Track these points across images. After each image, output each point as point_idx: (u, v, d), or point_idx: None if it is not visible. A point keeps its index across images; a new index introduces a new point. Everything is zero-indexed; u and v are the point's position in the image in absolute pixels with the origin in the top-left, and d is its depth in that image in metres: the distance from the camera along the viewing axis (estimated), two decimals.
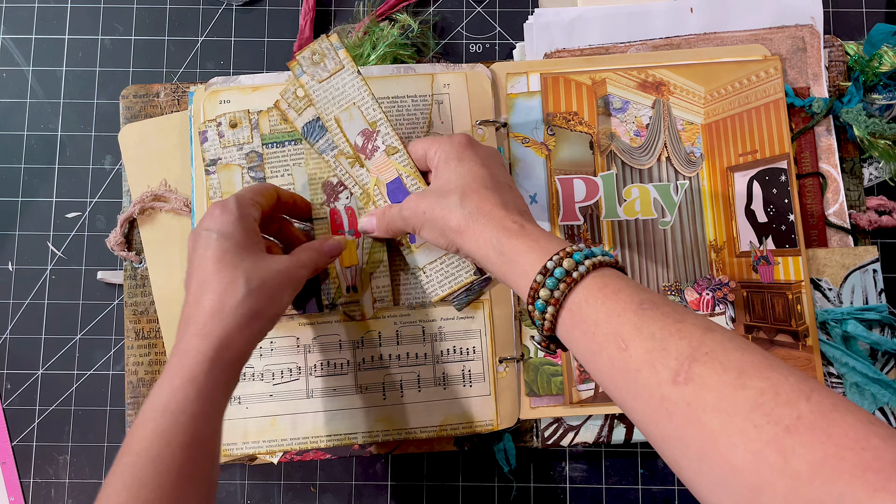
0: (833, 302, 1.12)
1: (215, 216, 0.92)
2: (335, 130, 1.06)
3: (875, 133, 1.14)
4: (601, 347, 0.73)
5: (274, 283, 0.92)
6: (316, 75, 1.05)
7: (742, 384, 0.63)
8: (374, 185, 1.05)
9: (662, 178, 1.15)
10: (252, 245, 0.93)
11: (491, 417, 1.10)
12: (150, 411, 0.81)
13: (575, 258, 0.78)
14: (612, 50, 1.19)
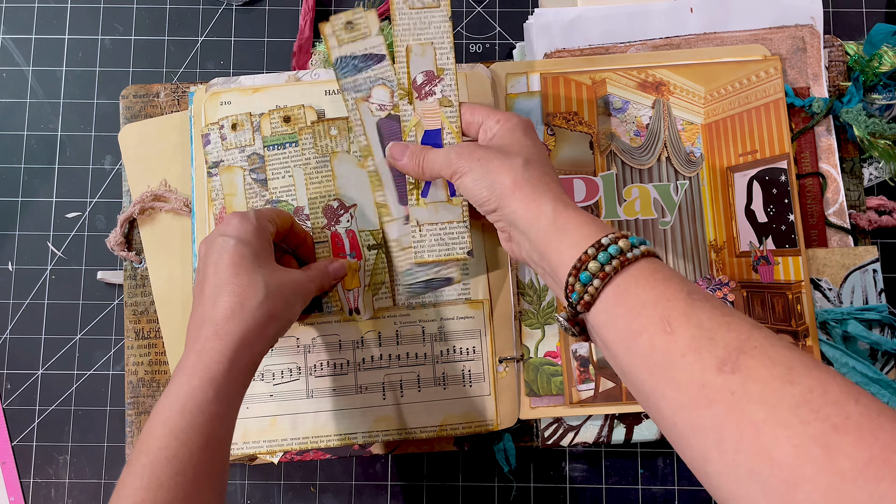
0: (833, 302, 1.12)
1: (234, 224, 0.93)
2: (401, 60, 1.05)
3: (875, 133, 1.14)
4: (644, 328, 0.73)
5: (289, 290, 0.93)
6: (410, 0, 1.05)
7: (791, 380, 0.63)
8: (413, 127, 1.05)
9: (662, 178, 1.15)
10: (268, 255, 0.94)
11: (491, 417, 1.10)
12: (167, 410, 0.81)
13: (631, 240, 0.78)
14: (612, 50, 1.19)
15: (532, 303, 1.13)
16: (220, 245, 0.91)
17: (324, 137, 1.11)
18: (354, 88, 1.07)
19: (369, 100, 1.08)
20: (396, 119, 1.07)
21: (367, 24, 1.07)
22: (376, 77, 1.07)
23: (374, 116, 1.08)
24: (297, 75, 1.15)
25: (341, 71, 1.07)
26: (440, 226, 1.06)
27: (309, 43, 1.22)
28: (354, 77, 1.07)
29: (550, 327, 1.12)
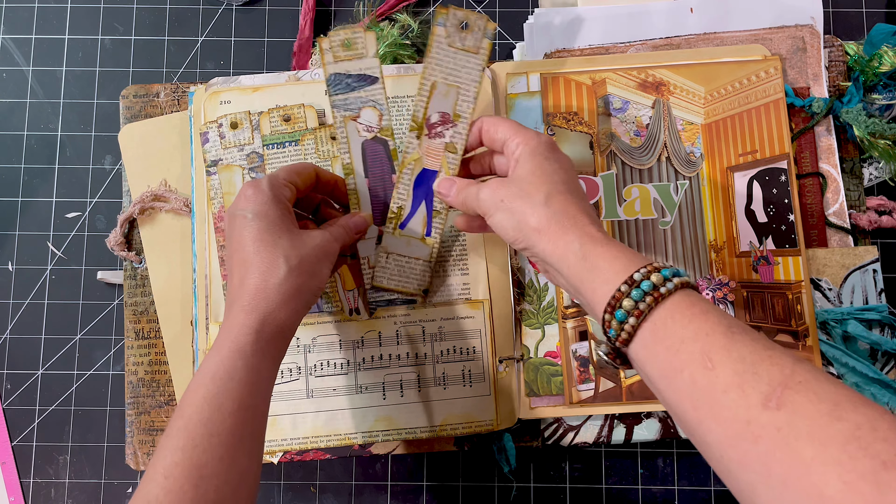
0: (833, 302, 1.12)
1: (248, 196, 0.93)
2: (423, 93, 1.05)
3: (875, 133, 1.14)
4: (684, 365, 0.72)
5: (312, 259, 0.93)
6: (452, 38, 1.04)
7: (838, 416, 0.62)
8: (413, 161, 1.06)
9: (662, 178, 1.15)
10: (287, 223, 0.94)
11: (491, 417, 1.10)
12: (201, 378, 0.83)
13: (663, 273, 0.77)
14: (612, 50, 1.19)
15: (532, 303, 1.13)
16: (239, 220, 0.92)
17: (325, 143, 1.11)
18: (345, 106, 1.07)
19: (357, 119, 1.08)
20: (382, 142, 1.09)
21: (365, 44, 1.07)
22: (367, 98, 1.07)
23: (360, 137, 1.08)
24: (297, 75, 1.15)
25: (333, 87, 1.07)
26: (406, 259, 1.08)
27: (309, 43, 1.22)
28: (346, 95, 1.07)
29: (550, 327, 1.12)
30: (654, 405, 1.11)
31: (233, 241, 0.92)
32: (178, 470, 0.77)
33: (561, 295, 1.13)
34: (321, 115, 1.13)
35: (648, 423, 1.12)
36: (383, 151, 1.09)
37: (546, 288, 1.13)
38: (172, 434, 0.79)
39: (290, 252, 0.91)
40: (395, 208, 1.07)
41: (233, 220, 0.93)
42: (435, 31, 1.03)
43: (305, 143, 1.11)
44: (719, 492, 1.16)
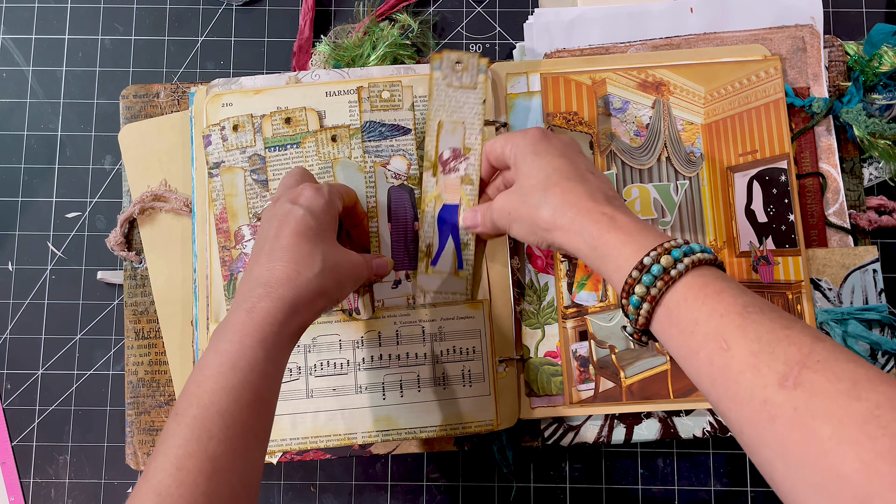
0: (833, 302, 1.12)
1: (307, 196, 0.93)
2: (431, 133, 1.08)
3: (875, 133, 1.14)
4: (700, 346, 0.72)
5: (344, 270, 0.93)
6: (449, 79, 1.08)
7: (857, 395, 0.61)
8: (433, 199, 1.08)
9: (662, 178, 1.15)
10: (332, 233, 0.94)
11: (491, 417, 1.10)
12: (218, 367, 0.81)
13: (673, 255, 0.76)
14: (612, 50, 1.19)
15: (532, 303, 1.13)
16: (287, 212, 0.91)
17: (325, 145, 1.12)
18: (376, 152, 1.11)
19: (387, 166, 1.12)
20: (408, 190, 1.12)
21: (401, 97, 1.12)
22: (398, 147, 1.12)
23: (388, 183, 1.12)
24: (297, 76, 1.15)
25: (367, 134, 1.11)
26: (444, 295, 1.09)
27: (309, 43, 1.23)
28: (378, 142, 1.11)
29: (550, 327, 1.13)
30: (654, 405, 1.11)
31: (272, 229, 0.91)
32: (191, 462, 0.75)
33: (561, 295, 1.13)
34: (322, 117, 1.13)
35: (648, 423, 1.12)
36: (408, 199, 1.12)
37: (546, 288, 1.13)
38: (187, 422, 0.78)
39: (328, 255, 0.90)
40: (424, 247, 1.09)
41: (280, 210, 0.92)
42: (432, 75, 1.08)
43: (306, 145, 1.12)
44: (719, 492, 1.16)
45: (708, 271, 0.77)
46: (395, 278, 1.11)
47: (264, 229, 0.93)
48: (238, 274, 1.10)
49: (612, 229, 0.82)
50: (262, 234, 0.93)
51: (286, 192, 0.95)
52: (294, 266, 0.87)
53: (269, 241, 0.90)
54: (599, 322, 1.12)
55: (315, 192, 0.93)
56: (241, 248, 1.11)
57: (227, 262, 1.11)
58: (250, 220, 1.11)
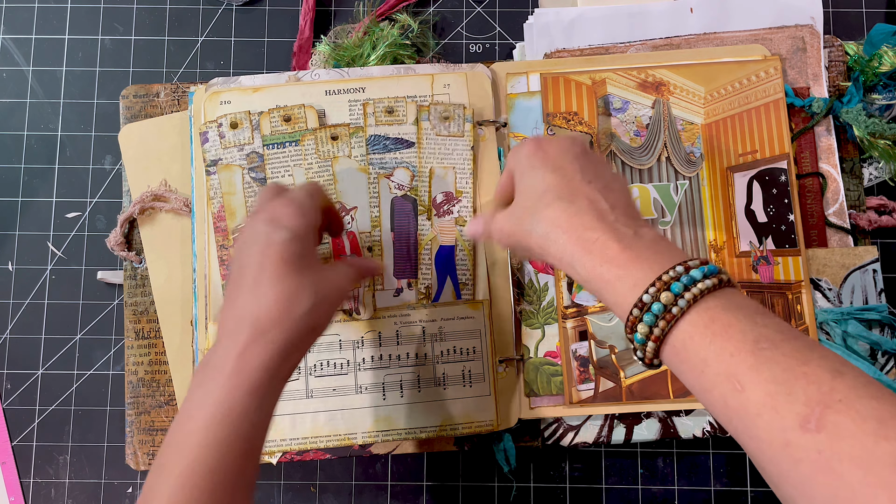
0: (833, 302, 1.12)
1: (289, 214, 0.87)
2: (424, 179, 1.12)
3: (875, 133, 1.14)
4: (713, 385, 0.69)
5: (333, 299, 0.89)
6: (437, 127, 1.13)
7: (885, 435, 0.59)
8: (430, 241, 1.12)
9: (662, 178, 1.15)
10: (315, 252, 0.90)
11: (491, 418, 1.10)
12: (209, 417, 0.77)
13: (673, 290, 0.72)
14: (612, 50, 1.19)
15: (532, 303, 1.13)
16: (269, 235, 0.85)
17: (325, 143, 1.12)
18: (380, 165, 1.13)
19: (391, 178, 1.13)
20: (411, 200, 1.13)
21: (405, 112, 1.13)
22: (402, 160, 1.13)
23: (391, 194, 1.13)
24: (297, 75, 1.15)
25: (372, 147, 1.13)
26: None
27: (309, 43, 1.22)
28: (382, 155, 1.13)
29: (550, 327, 1.12)
30: (654, 405, 1.10)
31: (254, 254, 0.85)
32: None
33: (561, 295, 1.13)
34: (321, 116, 1.13)
35: (648, 423, 1.12)
36: (411, 209, 1.13)
37: (546, 288, 1.13)
38: (172, 480, 0.75)
39: (318, 286, 0.86)
40: (423, 288, 1.11)
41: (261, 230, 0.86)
42: (421, 125, 1.13)
43: (306, 143, 1.12)
44: (719, 492, 1.16)
45: (714, 301, 0.72)
46: (396, 286, 1.11)
47: (245, 253, 0.87)
48: None
49: (604, 261, 0.78)
50: (242, 258, 0.87)
51: (264, 209, 0.89)
52: (285, 304, 0.83)
53: (253, 269, 0.85)
54: (599, 322, 1.12)
55: (297, 211, 0.88)
56: None
57: (226, 261, 1.11)
58: None
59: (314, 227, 0.90)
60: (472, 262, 1.11)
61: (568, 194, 0.84)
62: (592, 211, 0.82)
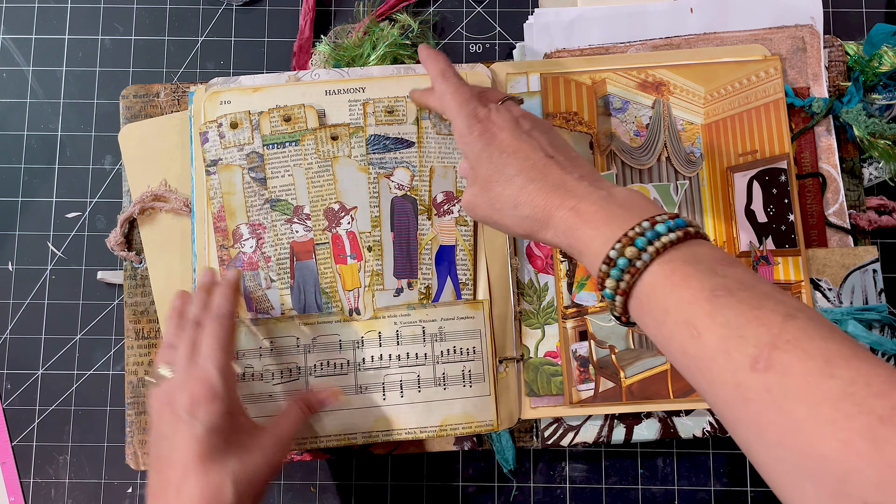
0: (833, 302, 1.12)
1: (201, 403, 0.88)
2: (424, 178, 1.12)
3: (875, 133, 1.13)
4: (672, 334, 0.71)
5: (261, 481, 0.90)
6: (437, 126, 1.13)
7: (829, 373, 0.61)
8: (430, 240, 1.12)
9: (662, 178, 1.14)
10: (238, 434, 0.91)
11: (491, 418, 1.09)
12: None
13: (637, 244, 0.74)
14: (612, 50, 1.18)
15: (532, 303, 1.13)
16: (186, 428, 0.87)
17: (325, 143, 1.11)
18: (380, 164, 1.12)
19: (391, 178, 1.12)
20: (411, 200, 1.13)
21: (405, 112, 1.13)
22: (402, 159, 1.13)
23: (391, 194, 1.12)
24: (297, 75, 1.15)
25: (372, 147, 1.12)
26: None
27: (309, 43, 1.22)
28: (382, 155, 1.12)
29: (550, 327, 1.12)
30: (654, 405, 1.10)
31: (175, 448, 0.87)
32: None
33: (561, 295, 1.12)
34: (321, 116, 1.12)
35: (648, 423, 1.12)
36: (411, 209, 1.13)
37: (546, 288, 1.13)
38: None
39: (240, 475, 0.87)
40: (423, 289, 1.11)
41: (175, 424, 0.88)
42: (421, 124, 1.13)
43: (306, 143, 1.11)
44: (719, 492, 1.15)
45: (677, 254, 0.74)
46: (397, 286, 1.11)
47: (165, 448, 0.88)
48: None
49: (580, 224, 0.81)
50: (162, 453, 0.89)
51: (180, 390, 0.90)
52: (206, 500, 0.84)
53: (174, 463, 0.86)
54: (599, 322, 1.12)
55: (210, 396, 0.89)
56: (239, 247, 1.11)
57: (226, 261, 1.11)
58: (248, 219, 1.11)
59: (235, 402, 0.92)
60: (472, 261, 1.11)
61: (537, 174, 0.87)
62: (565, 184, 0.85)
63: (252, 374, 1.09)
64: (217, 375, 0.90)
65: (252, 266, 1.11)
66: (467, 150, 0.93)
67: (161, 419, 0.90)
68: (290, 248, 1.11)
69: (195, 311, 0.99)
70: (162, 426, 0.89)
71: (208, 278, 1.04)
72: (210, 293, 1.01)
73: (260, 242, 1.11)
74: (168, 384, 0.92)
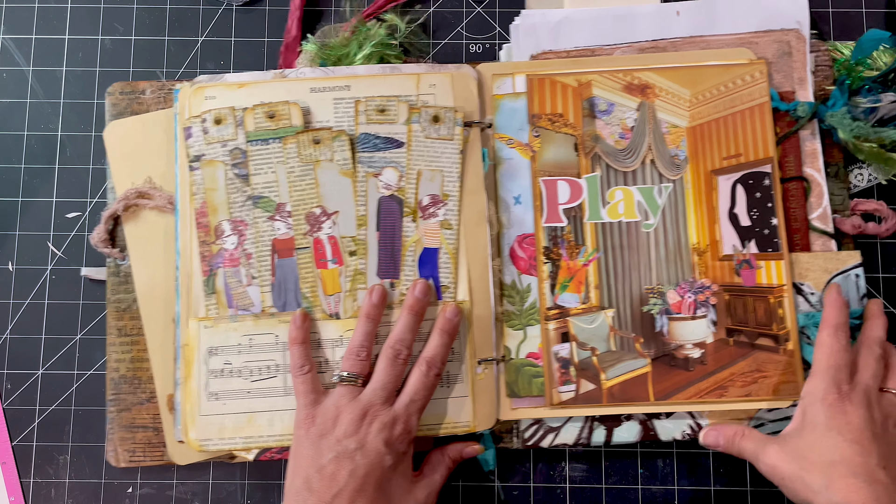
0: (815, 306, 1.07)
1: (405, 441, 0.92)
2: (411, 181, 1.07)
3: (860, 136, 1.08)
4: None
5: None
6: (427, 131, 1.07)
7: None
8: (414, 243, 1.06)
9: (646, 181, 1.09)
10: (401, 479, 0.93)
11: (469, 419, 1.04)
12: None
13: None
14: (598, 52, 1.14)
15: (515, 304, 1.07)
16: (380, 458, 0.89)
17: (307, 147, 1.06)
18: (369, 163, 1.07)
19: (379, 177, 1.07)
20: (398, 201, 1.08)
21: (397, 112, 1.07)
22: (391, 159, 1.08)
23: (379, 193, 1.08)
24: (283, 73, 1.11)
25: (361, 145, 1.07)
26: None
27: (296, 42, 1.17)
28: (372, 154, 1.07)
29: (532, 328, 1.07)
30: (635, 407, 1.05)
31: (358, 470, 0.87)
32: None
33: (543, 296, 1.07)
34: (306, 113, 1.08)
35: (629, 426, 1.07)
36: (398, 209, 1.08)
37: (529, 289, 1.08)
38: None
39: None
40: (405, 289, 1.06)
41: (378, 451, 0.89)
42: (410, 128, 1.07)
43: (288, 147, 1.06)
44: (719, 492, 1.11)
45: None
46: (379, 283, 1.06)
47: (345, 462, 0.88)
48: (217, 269, 1.05)
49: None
50: (341, 466, 0.88)
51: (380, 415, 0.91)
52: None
53: (349, 489, 0.86)
54: (581, 324, 1.07)
55: (409, 437, 0.92)
56: (220, 244, 1.05)
57: (207, 257, 1.06)
58: (231, 215, 1.06)
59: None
60: (454, 264, 1.06)
61: (865, 473, 0.85)
62: (884, 499, 0.83)
63: (231, 371, 1.04)
64: (417, 424, 0.94)
65: (233, 263, 1.05)
66: (808, 410, 0.92)
67: (349, 435, 0.90)
68: (272, 245, 1.06)
69: (405, 342, 0.98)
70: (351, 441, 0.90)
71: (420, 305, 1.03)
72: (419, 317, 1.01)
73: (242, 239, 1.06)
74: (369, 400, 0.93)
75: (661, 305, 1.05)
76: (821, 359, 0.94)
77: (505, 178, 1.09)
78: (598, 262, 1.06)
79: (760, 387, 1.02)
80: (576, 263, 1.06)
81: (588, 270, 1.06)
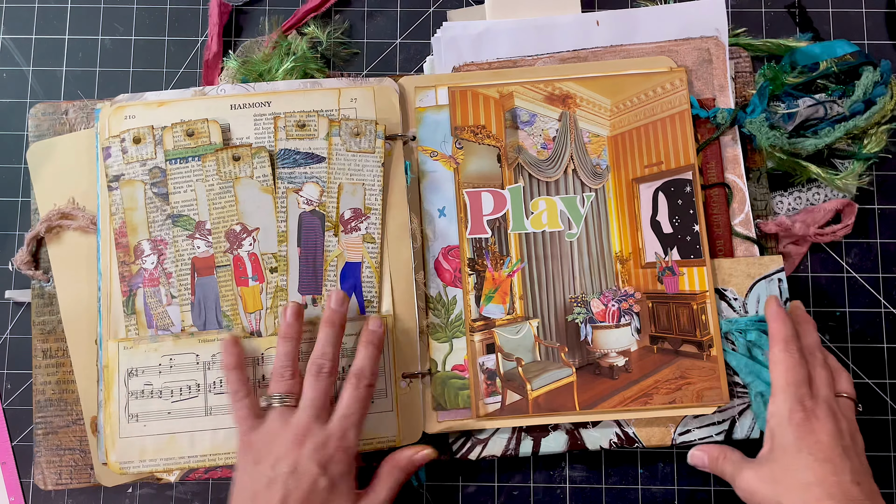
0: (738, 311, 1.07)
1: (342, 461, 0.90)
2: (332, 195, 1.06)
3: (775, 146, 1.08)
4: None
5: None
6: (347, 143, 1.06)
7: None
8: (336, 257, 1.05)
9: (569, 191, 1.09)
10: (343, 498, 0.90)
11: (393, 433, 1.02)
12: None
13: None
14: (519, 63, 1.13)
15: (440, 316, 1.07)
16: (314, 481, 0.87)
17: (227, 164, 1.05)
18: (289, 179, 1.06)
19: (300, 192, 1.06)
20: (319, 216, 1.07)
21: (317, 127, 1.07)
22: (312, 174, 1.06)
23: (300, 209, 1.06)
24: (203, 90, 1.10)
25: (281, 161, 1.06)
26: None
27: (217, 59, 1.17)
28: (292, 169, 1.06)
29: (458, 340, 1.06)
30: (561, 417, 1.04)
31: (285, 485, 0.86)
32: None
33: (469, 308, 1.07)
34: (226, 130, 1.07)
35: (556, 436, 1.06)
36: (319, 225, 1.07)
37: (454, 301, 1.07)
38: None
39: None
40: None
41: (312, 475, 0.87)
42: (331, 141, 1.06)
43: (207, 164, 1.05)
44: (719, 492, 1.11)
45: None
46: (301, 302, 1.04)
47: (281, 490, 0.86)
48: (137, 289, 1.03)
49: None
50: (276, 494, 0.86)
51: (313, 435, 0.89)
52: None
53: None
54: (507, 335, 1.06)
55: (348, 458, 0.90)
56: (140, 264, 1.04)
57: (127, 278, 1.04)
58: (150, 235, 1.04)
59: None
60: (377, 278, 1.05)
61: (840, 493, 0.85)
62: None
63: (151, 392, 1.02)
64: (355, 440, 0.92)
65: (153, 282, 1.04)
66: (776, 431, 0.92)
67: (287, 459, 0.88)
68: (192, 264, 1.05)
69: (327, 356, 0.96)
70: (286, 465, 0.88)
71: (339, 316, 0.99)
72: (340, 329, 0.98)
73: (161, 258, 1.04)
74: (299, 421, 0.91)
75: (585, 314, 1.04)
76: (779, 377, 0.94)
77: (429, 191, 1.08)
78: (523, 272, 1.06)
79: (685, 393, 1.02)
80: (500, 274, 1.06)
81: (513, 281, 1.06)
